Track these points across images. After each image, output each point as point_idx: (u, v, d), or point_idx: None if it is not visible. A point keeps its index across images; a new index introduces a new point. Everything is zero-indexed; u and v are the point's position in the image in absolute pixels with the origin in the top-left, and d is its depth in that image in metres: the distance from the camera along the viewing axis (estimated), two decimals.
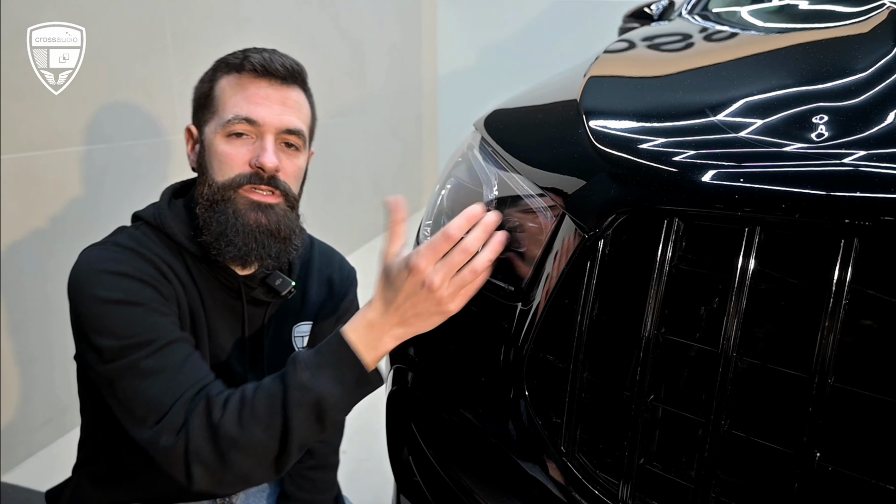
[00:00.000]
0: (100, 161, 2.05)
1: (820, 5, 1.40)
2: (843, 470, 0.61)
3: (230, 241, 0.91)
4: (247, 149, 0.92)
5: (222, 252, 0.92)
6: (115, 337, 0.82)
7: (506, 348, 0.86)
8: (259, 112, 0.91)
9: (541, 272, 0.84)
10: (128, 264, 0.88)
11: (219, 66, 0.96)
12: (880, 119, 0.69)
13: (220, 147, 0.92)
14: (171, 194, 1.01)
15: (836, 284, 0.60)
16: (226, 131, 0.91)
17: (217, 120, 0.92)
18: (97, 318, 0.84)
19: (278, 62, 0.92)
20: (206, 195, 0.93)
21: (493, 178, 1.00)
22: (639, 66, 1.17)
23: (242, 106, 0.91)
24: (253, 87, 0.91)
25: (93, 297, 0.84)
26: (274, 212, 0.93)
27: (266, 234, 0.93)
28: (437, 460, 0.95)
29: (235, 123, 0.91)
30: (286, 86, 0.94)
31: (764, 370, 0.66)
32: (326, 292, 1.11)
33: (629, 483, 0.72)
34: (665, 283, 0.69)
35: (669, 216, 0.70)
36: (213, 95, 0.94)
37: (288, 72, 0.93)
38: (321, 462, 1.13)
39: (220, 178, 0.92)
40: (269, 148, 0.91)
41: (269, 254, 0.94)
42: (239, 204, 0.92)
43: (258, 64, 0.91)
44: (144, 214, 0.98)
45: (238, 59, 0.93)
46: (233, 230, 0.91)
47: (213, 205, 0.92)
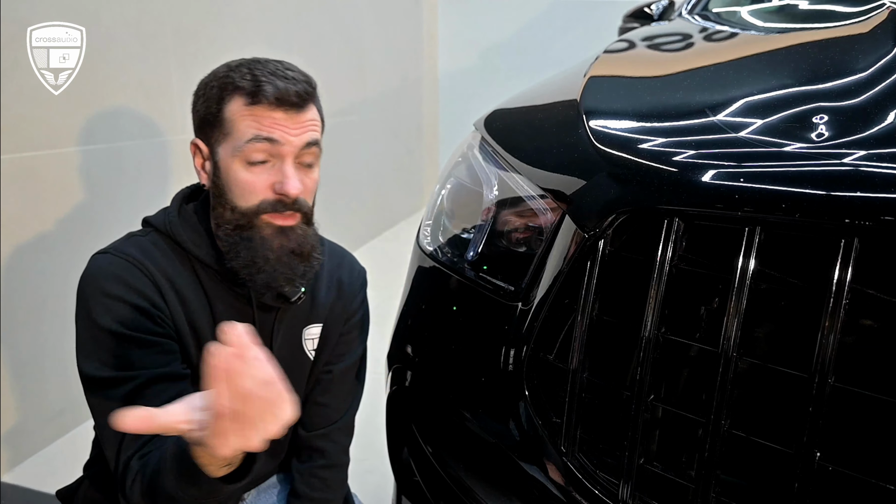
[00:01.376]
0: (100, 161, 2.05)
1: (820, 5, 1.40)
2: (843, 470, 0.61)
3: (260, 268, 0.92)
4: (267, 174, 0.91)
5: (253, 279, 0.93)
6: (97, 365, 0.87)
7: (506, 348, 0.86)
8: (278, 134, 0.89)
9: (541, 272, 0.84)
10: (124, 284, 0.89)
11: (226, 86, 0.91)
12: (880, 119, 0.69)
13: (241, 174, 0.90)
14: (181, 200, 1.01)
15: (837, 284, 0.60)
16: (244, 157, 0.90)
17: (232, 143, 0.90)
18: (87, 341, 0.88)
19: (293, 91, 0.89)
20: (228, 219, 0.93)
21: (493, 178, 1.00)
22: (639, 66, 1.17)
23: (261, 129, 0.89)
24: (269, 118, 0.89)
25: (88, 315, 0.88)
26: (295, 232, 0.93)
27: (290, 256, 0.93)
28: (436, 460, 0.95)
29: (256, 144, 0.89)
30: (302, 111, 0.91)
31: (764, 370, 0.66)
32: (336, 294, 1.11)
33: (629, 483, 0.72)
34: (665, 283, 0.69)
35: (669, 216, 0.70)
36: (223, 118, 0.91)
37: (303, 98, 0.90)
38: (332, 461, 1.13)
39: (242, 203, 0.91)
40: (290, 173, 0.90)
41: (296, 274, 0.94)
42: (264, 231, 0.92)
43: (273, 96, 0.88)
44: (154, 221, 0.98)
45: (250, 86, 0.89)
46: (262, 259, 0.92)
47: (238, 230, 0.92)
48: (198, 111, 0.95)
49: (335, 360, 1.11)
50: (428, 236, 1.13)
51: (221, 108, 0.91)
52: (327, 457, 1.12)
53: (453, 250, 1.05)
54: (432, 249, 1.09)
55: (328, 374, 1.10)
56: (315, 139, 0.93)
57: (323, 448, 1.10)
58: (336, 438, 1.11)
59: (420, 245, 1.13)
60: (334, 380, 1.10)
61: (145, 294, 0.90)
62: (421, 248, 1.12)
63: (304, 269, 0.95)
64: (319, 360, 1.09)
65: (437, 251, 1.08)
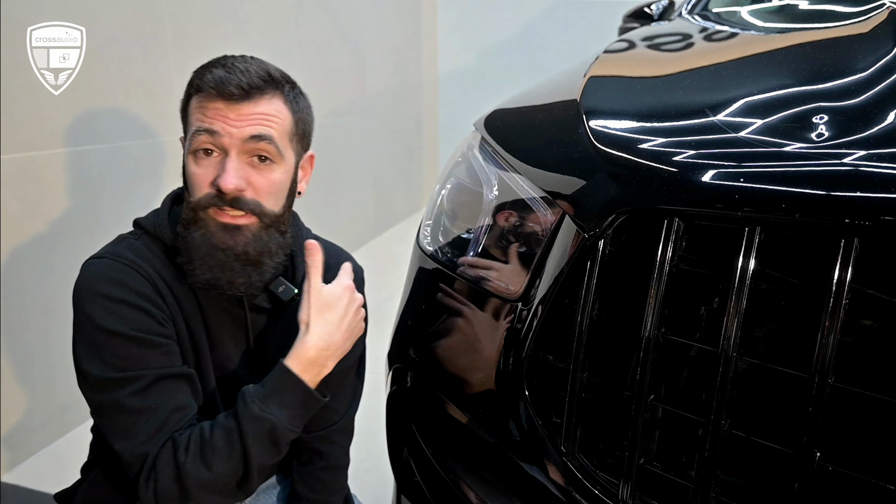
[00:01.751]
0: (100, 161, 2.05)
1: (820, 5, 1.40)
2: (843, 470, 0.61)
3: (197, 265, 0.89)
4: (212, 168, 0.88)
5: (193, 275, 0.90)
6: (102, 367, 0.85)
7: (506, 348, 0.86)
8: (218, 125, 0.87)
9: (541, 272, 0.84)
10: (125, 287, 0.88)
11: (191, 83, 0.91)
12: (880, 119, 0.69)
13: (190, 168, 0.90)
14: (171, 201, 1.00)
15: (837, 284, 0.60)
16: (192, 148, 0.89)
17: (187, 138, 0.91)
18: (89, 344, 0.87)
19: (234, 82, 0.86)
20: (184, 214, 0.92)
21: (493, 178, 1.00)
22: (639, 66, 1.17)
23: (203, 121, 0.87)
24: (211, 109, 0.87)
25: (89, 320, 0.86)
26: (242, 234, 0.90)
27: (232, 259, 0.90)
28: (437, 460, 0.95)
29: (198, 136, 0.87)
30: (247, 102, 0.88)
31: (764, 370, 0.66)
32: None
33: (629, 483, 0.72)
34: (665, 283, 0.69)
35: (669, 216, 0.70)
36: (186, 112, 0.92)
37: (244, 90, 0.87)
38: (332, 463, 1.13)
39: (191, 197, 0.90)
40: (229, 168, 0.87)
41: (237, 276, 0.91)
42: (209, 226, 0.89)
43: (211, 86, 0.86)
44: (144, 223, 0.97)
45: (197, 79, 0.89)
46: (198, 255, 0.89)
47: (187, 225, 0.91)
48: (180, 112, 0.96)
49: None
50: (428, 236, 1.13)
51: (187, 107, 0.92)
52: (327, 458, 1.12)
53: (453, 250, 1.05)
54: (432, 249, 1.09)
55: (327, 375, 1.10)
56: (264, 133, 0.88)
57: (323, 450, 1.10)
58: (336, 440, 1.11)
59: (420, 245, 1.13)
60: (333, 381, 1.10)
61: (146, 295, 0.89)
62: (421, 248, 1.12)
63: (248, 272, 0.92)
64: None
65: (437, 251, 1.08)
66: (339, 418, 1.11)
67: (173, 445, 0.84)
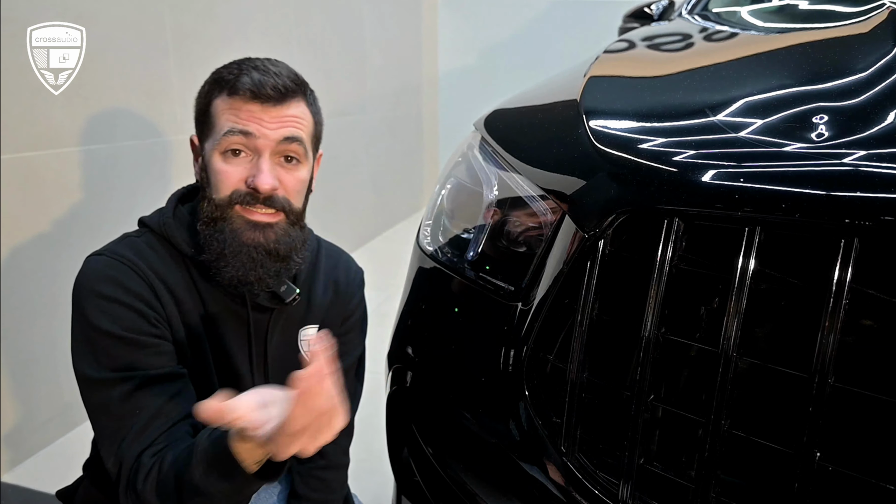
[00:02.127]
0: (100, 161, 2.05)
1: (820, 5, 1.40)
2: (843, 470, 0.61)
3: (228, 262, 0.91)
4: (243, 167, 0.91)
5: (221, 272, 0.92)
6: (95, 366, 0.87)
7: (506, 348, 0.86)
8: (253, 127, 0.89)
9: (541, 272, 0.84)
10: (119, 286, 0.89)
11: (214, 81, 0.93)
12: (880, 119, 0.69)
13: (217, 164, 0.91)
14: (176, 200, 1.01)
15: (837, 284, 0.60)
16: (221, 147, 0.91)
17: (213, 137, 0.92)
18: (83, 343, 0.88)
19: (270, 85, 0.89)
20: (206, 212, 0.93)
21: (493, 178, 1.00)
22: (639, 66, 1.17)
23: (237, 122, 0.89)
24: (245, 111, 0.90)
25: (84, 318, 0.88)
26: (273, 230, 0.92)
27: (264, 254, 0.92)
28: (437, 460, 0.95)
29: (230, 137, 0.89)
30: (281, 105, 0.91)
31: (764, 370, 0.66)
32: (332, 295, 1.11)
33: (629, 483, 0.72)
34: (665, 283, 0.69)
35: (669, 216, 0.70)
36: (209, 112, 0.93)
37: (280, 93, 0.90)
38: (331, 462, 1.13)
39: (216, 195, 0.92)
40: (264, 168, 0.90)
41: (267, 273, 0.93)
42: (236, 223, 0.91)
43: (249, 88, 0.89)
44: (149, 221, 0.98)
45: (231, 78, 0.91)
46: (230, 251, 0.91)
47: (212, 223, 0.92)
48: (195, 109, 0.97)
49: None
50: (428, 236, 1.13)
51: (209, 104, 0.93)
52: (327, 458, 1.12)
53: (453, 250, 1.05)
54: (432, 249, 1.09)
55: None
56: (295, 135, 0.92)
57: (323, 449, 1.10)
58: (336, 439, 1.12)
59: (420, 245, 1.13)
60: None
61: (140, 295, 0.90)
62: (421, 249, 1.12)
63: (278, 268, 0.94)
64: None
65: (437, 251, 1.08)
66: None
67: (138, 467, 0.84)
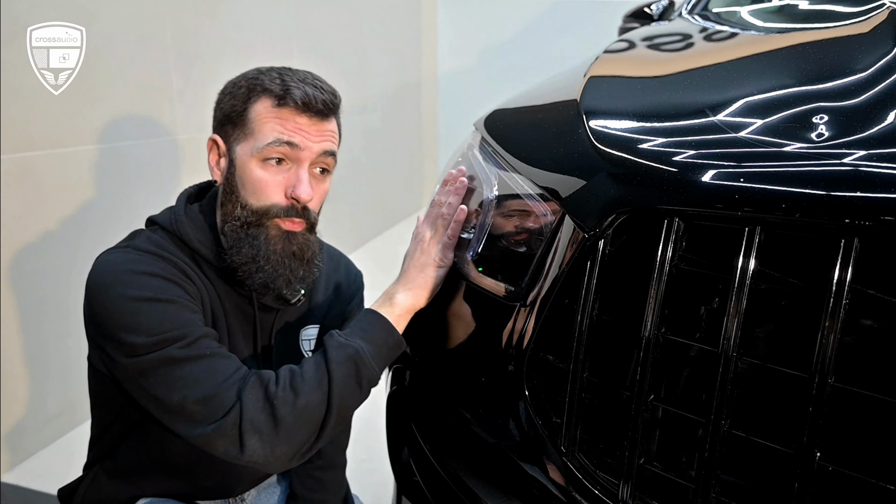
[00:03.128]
0: (100, 161, 2.05)
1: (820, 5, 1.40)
2: (843, 470, 0.61)
3: (260, 267, 0.93)
4: (283, 177, 0.93)
5: (252, 276, 0.94)
6: (148, 334, 0.83)
7: (506, 348, 0.86)
8: (299, 139, 0.92)
9: (541, 272, 0.84)
10: (152, 265, 0.89)
11: (255, 87, 0.93)
12: (880, 119, 0.69)
13: (257, 172, 0.92)
14: (186, 199, 1.02)
15: (837, 284, 0.60)
16: (262, 155, 0.91)
17: (252, 143, 0.92)
18: (128, 316, 0.84)
19: (320, 100, 0.93)
20: (238, 216, 0.94)
21: (493, 178, 1.00)
22: (639, 66, 1.17)
23: (283, 133, 0.91)
24: (292, 122, 0.92)
25: (121, 296, 0.85)
26: (298, 238, 0.96)
27: (294, 261, 0.96)
28: (436, 460, 0.95)
29: (276, 146, 0.91)
30: (325, 120, 0.95)
31: (764, 370, 0.66)
32: (333, 297, 1.13)
33: (629, 483, 0.72)
34: (665, 283, 0.69)
35: (669, 216, 0.70)
36: (247, 117, 0.93)
37: (329, 109, 0.94)
38: (329, 462, 1.14)
39: (254, 202, 0.93)
40: (304, 179, 0.93)
41: (295, 276, 0.97)
42: (271, 232, 0.94)
43: (300, 100, 0.91)
44: (160, 219, 0.99)
45: (279, 89, 0.92)
46: (264, 258, 0.93)
47: (246, 227, 0.94)
48: (222, 108, 0.96)
49: None
50: None
51: (247, 108, 0.93)
52: (325, 457, 1.12)
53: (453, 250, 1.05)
54: None
55: None
56: (332, 150, 0.96)
57: (320, 450, 1.10)
58: (334, 439, 1.12)
59: None
60: None
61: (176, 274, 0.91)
62: None
63: (303, 272, 0.98)
64: None
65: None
66: None
67: (261, 379, 0.84)
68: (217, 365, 0.84)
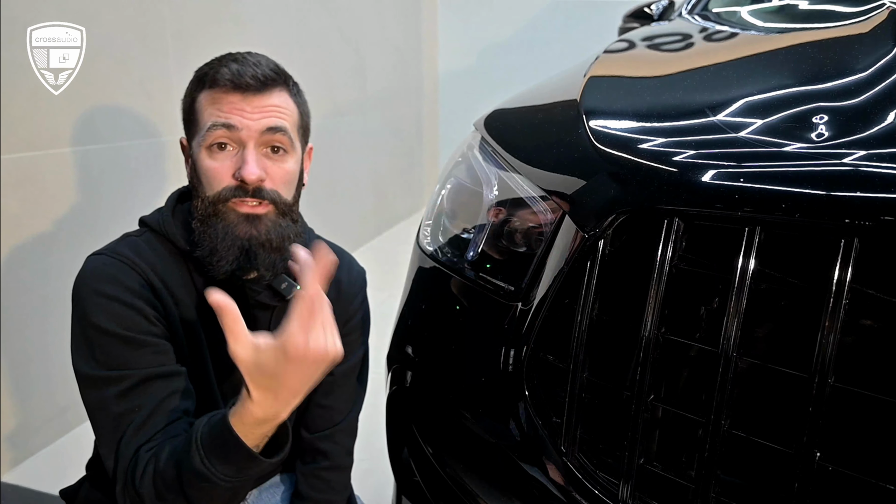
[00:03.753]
0: (100, 161, 2.05)
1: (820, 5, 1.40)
2: (843, 470, 0.61)
3: (221, 256, 0.91)
4: (230, 161, 0.90)
5: (216, 267, 0.92)
6: (93, 364, 0.87)
7: (506, 348, 0.86)
8: (235, 119, 0.89)
9: (541, 272, 0.84)
10: (119, 284, 0.89)
11: (195, 79, 0.93)
12: (880, 119, 0.69)
13: (205, 161, 0.91)
14: (175, 199, 1.01)
15: (836, 284, 0.60)
16: (206, 143, 0.90)
17: (199, 134, 0.91)
18: (82, 341, 0.89)
19: (249, 74, 0.89)
20: (199, 210, 0.93)
21: (493, 178, 1.00)
22: (639, 66, 1.17)
23: (219, 116, 0.89)
24: (226, 103, 0.89)
25: (84, 316, 0.88)
26: (263, 222, 0.93)
27: (257, 246, 0.92)
28: (436, 460, 0.95)
29: (214, 131, 0.89)
30: (262, 94, 0.91)
31: (764, 370, 0.66)
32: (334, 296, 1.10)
33: (629, 483, 0.72)
34: (665, 283, 0.69)
35: (669, 216, 0.70)
36: (193, 110, 0.93)
37: (260, 82, 0.90)
38: (335, 463, 1.13)
39: (208, 192, 0.92)
40: (249, 159, 0.89)
41: (262, 265, 0.94)
42: (229, 218, 0.92)
43: (227, 79, 0.89)
44: (149, 220, 0.98)
45: (210, 73, 0.91)
46: (223, 245, 0.91)
47: (206, 219, 0.92)
48: (182, 112, 0.97)
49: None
50: (428, 236, 1.13)
51: (193, 102, 0.93)
52: (331, 458, 1.12)
53: (453, 250, 1.05)
54: (432, 249, 1.09)
55: (329, 375, 1.09)
56: (279, 125, 0.92)
57: (326, 450, 1.10)
58: (339, 440, 1.12)
59: (420, 245, 1.13)
60: (336, 382, 1.10)
61: (139, 293, 0.90)
62: (421, 249, 1.12)
63: (271, 260, 0.94)
64: None
65: (437, 251, 1.08)
66: (342, 419, 1.11)
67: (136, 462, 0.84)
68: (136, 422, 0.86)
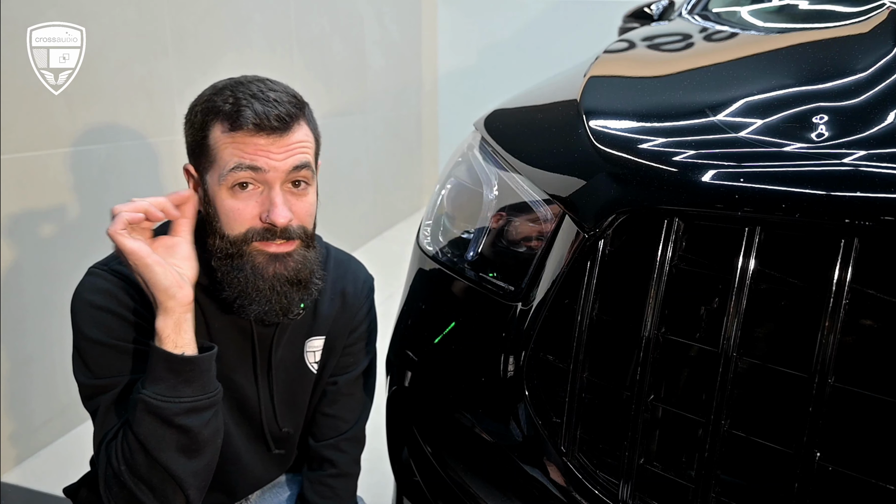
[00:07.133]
0: (100, 161, 2.05)
1: (820, 5, 1.40)
2: (843, 470, 0.61)
3: (252, 299, 0.90)
4: (254, 202, 0.88)
5: (246, 310, 0.91)
6: (87, 373, 0.89)
7: (506, 348, 0.86)
8: (261, 161, 0.86)
9: (541, 272, 0.84)
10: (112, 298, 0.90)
11: (209, 111, 0.88)
12: (880, 119, 0.69)
13: (227, 202, 0.88)
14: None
15: (837, 284, 0.60)
16: (228, 183, 0.87)
17: (217, 171, 0.88)
18: (78, 352, 0.90)
19: (273, 115, 0.85)
20: (219, 248, 0.90)
21: (493, 178, 1.00)
22: (639, 66, 1.17)
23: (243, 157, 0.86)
24: (251, 145, 0.86)
25: (78, 328, 0.90)
26: (291, 259, 0.91)
27: (286, 284, 0.91)
28: (437, 460, 0.95)
29: (238, 172, 0.86)
30: (286, 134, 0.87)
31: (764, 370, 0.66)
32: (340, 306, 1.08)
33: (629, 483, 0.72)
34: (665, 283, 0.69)
35: (669, 216, 0.70)
36: (207, 144, 0.88)
37: (285, 122, 0.86)
38: (342, 471, 1.12)
39: (230, 232, 0.89)
40: (277, 201, 0.87)
41: (292, 303, 0.92)
42: (256, 259, 0.90)
43: (252, 122, 0.84)
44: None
45: (230, 111, 0.86)
46: (253, 288, 0.89)
47: (229, 259, 0.90)
48: (186, 137, 0.93)
49: (340, 372, 1.10)
50: (428, 236, 1.13)
51: (206, 135, 0.89)
52: (337, 466, 1.12)
53: (453, 250, 1.05)
54: (432, 250, 1.09)
55: (334, 385, 1.10)
56: (304, 162, 0.89)
57: (333, 458, 1.10)
58: (346, 448, 1.11)
59: (420, 245, 1.13)
60: (341, 391, 1.10)
61: (133, 307, 0.90)
62: (421, 249, 1.12)
63: (301, 296, 0.93)
64: (324, 371, 1.08)
65: (437, 251, 1.08)
66: (349, 428, 1.11)
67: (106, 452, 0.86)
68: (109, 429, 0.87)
